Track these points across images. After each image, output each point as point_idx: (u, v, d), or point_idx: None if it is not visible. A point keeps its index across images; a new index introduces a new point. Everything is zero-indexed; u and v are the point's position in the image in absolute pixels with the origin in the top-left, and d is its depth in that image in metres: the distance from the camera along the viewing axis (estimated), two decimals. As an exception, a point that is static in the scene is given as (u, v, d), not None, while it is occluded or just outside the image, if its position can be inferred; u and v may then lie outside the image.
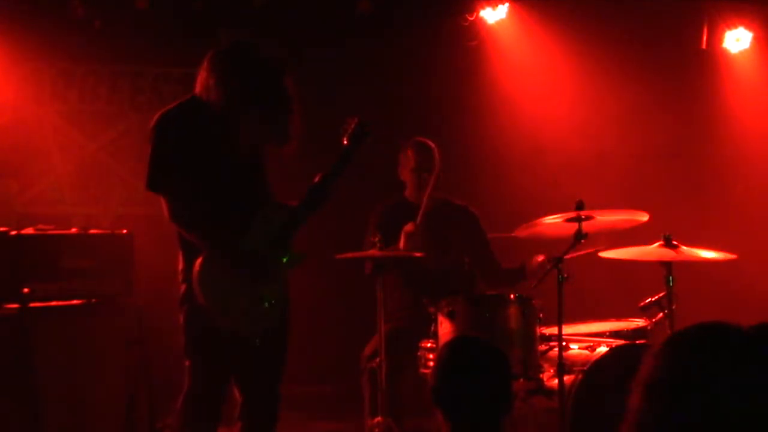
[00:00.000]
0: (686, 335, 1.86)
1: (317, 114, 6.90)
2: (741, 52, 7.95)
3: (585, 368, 4.93)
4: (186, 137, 4.24)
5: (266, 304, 4.28)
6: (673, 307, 5.21)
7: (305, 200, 4.38)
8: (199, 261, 4.19)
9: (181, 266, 4.32)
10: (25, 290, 5.61)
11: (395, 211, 5.86)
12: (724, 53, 7.97)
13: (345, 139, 4.48)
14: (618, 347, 5.03)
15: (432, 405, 3.24)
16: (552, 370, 5.00)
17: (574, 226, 5.04)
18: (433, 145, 5.83)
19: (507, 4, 7.62)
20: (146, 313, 5.78)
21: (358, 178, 4.96)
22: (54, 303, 5.74)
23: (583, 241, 5.02)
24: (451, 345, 3.45)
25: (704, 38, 7.80)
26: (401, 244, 5.54)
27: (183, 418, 4.32)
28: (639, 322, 5.42)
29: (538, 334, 5.06)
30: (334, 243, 5.53)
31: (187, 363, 4.31)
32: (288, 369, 4.49)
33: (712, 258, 5.29)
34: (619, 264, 5.39)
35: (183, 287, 4.29)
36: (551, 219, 5.17)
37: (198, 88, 4.26)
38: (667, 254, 5.17)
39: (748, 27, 7.84)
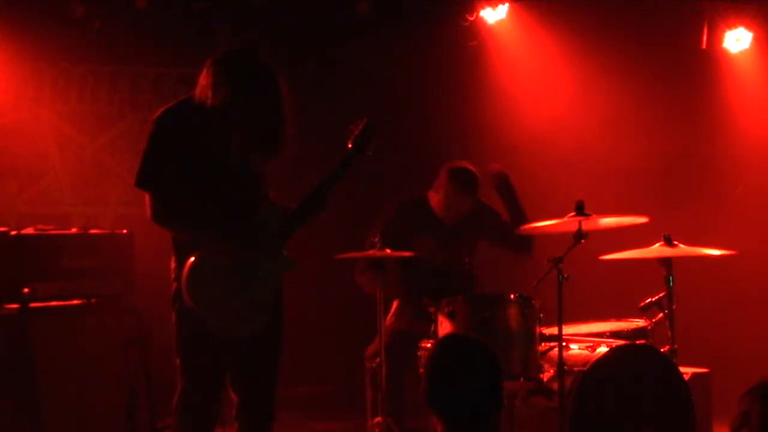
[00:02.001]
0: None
1: (316, 114, 6.92)
2: (741, 52, 7.95)
3: (585, 368, 4.93)
4: (184, 136, 4.24)
5: (254, 309, 4.26)
6: (673, 307, 5.21)
7: (301, 205, 4.36)
8: (188, 263, 4.18)
9: (173, 265, 4.32)
10: (25, 290, 5.62)
11: (415, 214, 5.86)
12: (724, 53, 7.97)
13: (349, 142, 4.45)
14: (618, 347, 5.03)
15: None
16: (552, 370, 4.99)
17: (574, 225, 5.04)
18: (478, 184, 5.81)
19: (507, 4, 7.62)
20: (146, 313, 5.78)
21: (360, 178, 4.94)
22: (54, 303, 5.75)
23: (583, 241, 5.02)
24: (440, 344, 3.45)
25: (704, 38, 7.80)
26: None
27: (177, 418, 4.32)
28: (639, 322, 5.42)
29: (538, 334, 5.06)
30: (335, 243, 5.52)
31: (177, 361, 4.31)
32: (288, 369, 4.49)
33: (712, 253, 5.29)
34: (619, 264, 5.39)
35: (174, 286, 4.29)
36: (551, 219, 5.18)
37: (196, 88, 4.26)
38: (668, 254, 5.17)
39: (748, 27, 7.84)
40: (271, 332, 4.36)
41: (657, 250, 5.20)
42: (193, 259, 4.18)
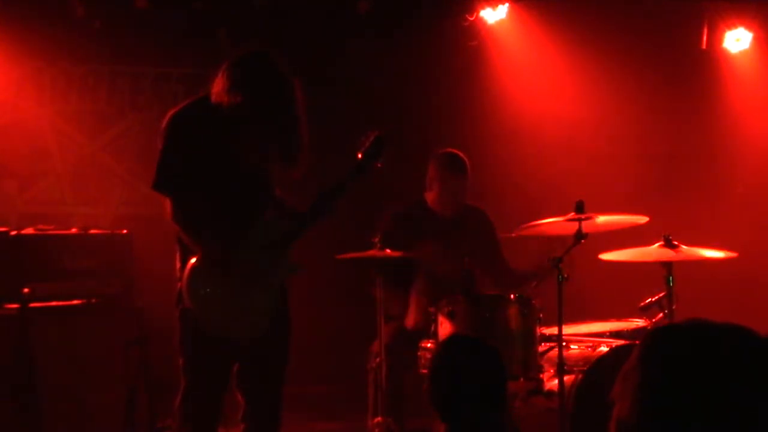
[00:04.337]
0: (672, 332, 1.86)
1: (314, 114, 6.92)
2: (741, 52, 7.94)
3: (585, 368, 4.93)
4: (196, 138, 4.23)
5: (254, 313, 4.26)
6: (673, 307, 5.20)
7: (308, 211, 4.35)
8: (189, 265, 4.18)
9: (178, 265, 4.32)
10: (25, 290, 5.62)
11: (413, 220, 5.83)
12: (724, 53, 7.96)
13: (360, 153, 4.44)
14: (618, 347, 5.03)
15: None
16: (552, 370, 4.99)
17: (575, 226, 5.03)
18: (467, 163, 5.81)
19: (507, 4, 7.62)
20: (146, 313, 5.78)
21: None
22: (54, 303, 5.74)
23: (583, 241, 5.02)
24: (443, 345, 3.45)
25: (704, 38, 7.80)
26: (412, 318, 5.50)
27: (180, 418, 4.32)
28: (639, 322, 5.42)
29: (538, 334, 5.06)
30: (336, 243, 5.52)
31: (180, 362, 4.31)
32: (289, 369, 4.49)
33: (713, 256, 5.29)
34: (619, 264, 5.38)
35: (179, 286, 4.29)
36: (551, 219, 5.17)
37: (213, 91, 4.24)
38: (667, 254, 5.17)
39: (748, 27, 7.84)
40: (278, 335, 4.36)
41: (657, 253, 5.19)
42: (194, 261, 4.18)
